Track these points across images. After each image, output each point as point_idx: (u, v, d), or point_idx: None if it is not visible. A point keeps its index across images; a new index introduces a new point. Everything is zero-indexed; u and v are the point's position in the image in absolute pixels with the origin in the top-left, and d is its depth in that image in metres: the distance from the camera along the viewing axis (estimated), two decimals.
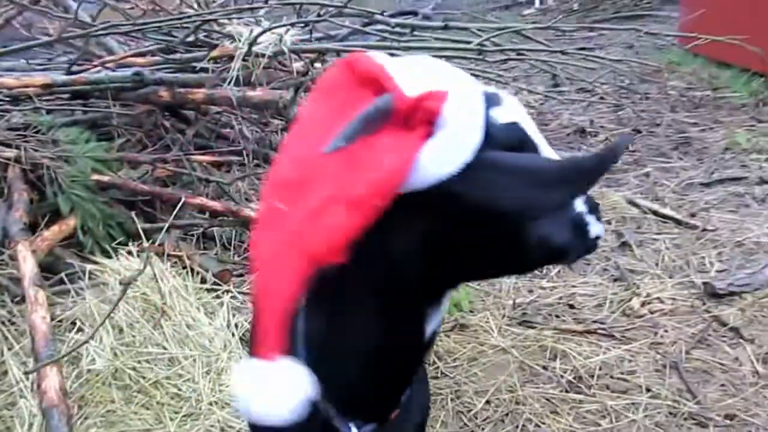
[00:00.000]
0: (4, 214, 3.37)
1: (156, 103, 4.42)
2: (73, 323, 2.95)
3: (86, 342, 2.57)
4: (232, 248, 3.84)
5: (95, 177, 3.68)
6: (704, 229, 3.84)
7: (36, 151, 3.62)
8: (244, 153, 4.18)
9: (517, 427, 2.53)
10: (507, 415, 2.60)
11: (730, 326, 3.03)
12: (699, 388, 2.70)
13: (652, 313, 3.19)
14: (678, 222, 3.95)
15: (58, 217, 3.62)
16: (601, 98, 6.21)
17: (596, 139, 5.38)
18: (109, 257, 3.26)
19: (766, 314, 3.10)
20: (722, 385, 2.72)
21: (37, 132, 3.83)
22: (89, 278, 3.17)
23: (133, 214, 3.73)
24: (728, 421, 2.53)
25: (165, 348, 2.79)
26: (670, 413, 2.58)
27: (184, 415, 2.55)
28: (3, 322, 2.85)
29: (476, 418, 2.59)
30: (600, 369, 2.82)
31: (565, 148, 5.17)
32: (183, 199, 3.42)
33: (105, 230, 3.63)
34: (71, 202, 3.57)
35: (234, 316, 3.07)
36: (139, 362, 2.74)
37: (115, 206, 3.78)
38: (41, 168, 3.57)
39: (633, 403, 2.63)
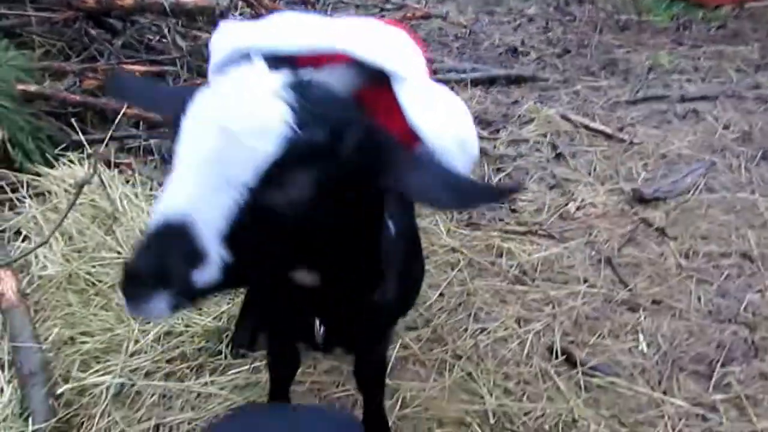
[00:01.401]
0: None
1: (79, 9, 4.15)
2: (18, 232, 2.86)
3: (44, 243, 2.52)
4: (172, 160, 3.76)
5: (21, 87, 3.48)
6: (631, 142, 4.09)
7: None
8: (179, 63, 4.02)
9: (469, 315, 2.71)
10: (459, 305, 2.77)
11: (656, 227, 3.30)
12: (630, 278, 2.96)
13: (586, 216, 3.42)
14: (607, 135, 4.18)
15: None
16: (530, 20, 6.34)
17: (528, 57, 5.52)
18: (51, 166, 3.13)
19: (687, 217, 3.40)
20: (650, 276, 2.99)
21: None
22: (26, 188, 3.06)
23: (64, 126, 3.59)
24: (656, 306, 2.81)
25: (119, 252, 2.77)
26: (606, 300, 2.83)
27: None
28: None
29: (431, 308, 2.74)
30: (542, 264, 3.03)
31: (499, 66, 5.28)
32: (123, 110, 3.28)
33: (35, 143, 3.48)
34: None
35: None
36: (93, 267, 2.70)
37: (44, 119, 3.61)
38: None
39: (572, 293, 2.86)
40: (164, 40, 4.34)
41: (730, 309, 2.81)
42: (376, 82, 1.39)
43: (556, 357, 2.50)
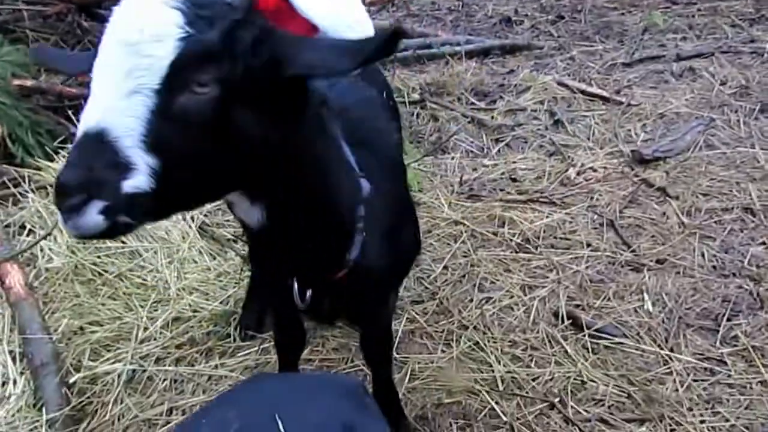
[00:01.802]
0: None
1: (71, 2, 4.14)
2: (23, 227, 2.88)
3: (48, 235, 2.53)
4: None
5: (17, 82, 3.48)
6: (629, 104, 4.06)
7: None
8: None
9: (474, 285, 2.72)
10: (464, 276, 2.78)
11: (656, 187, 3.30)
12: (633, 240, 2.96)
13: (587, 180, 3.42)
14: (604, 99, 4.16)
15: None
16: None
17: (522, 26, 5.47)
18: (51, 160, 3.14)
19: (688, 175, 3.38)
20: (653, 236, 2.99)
21: None
22: (28, 183, 3.07)
23: (62, 120, 3.59)
24: (660, 265, 2.81)
25: (124, 242, 2.78)
26: (610, 263, 2.84)
27: (154, 302, 2.59)
28: None
29: (436, 281, 2.75)
30: (544, 231, 3.03)
31: (493, 37, 5.25)
32: None
33: (35, 138, 3.48)
34: None
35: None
36: (99, 257, 2.72)
37: (42, 113, 3.61)
38: None
39: (576, 257, 2.87)
40: None
41: (734, 263, 2.81)
42: None
43: (562, 321, 2.51)
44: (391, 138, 1.81)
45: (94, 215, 1.01)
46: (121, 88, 1.03)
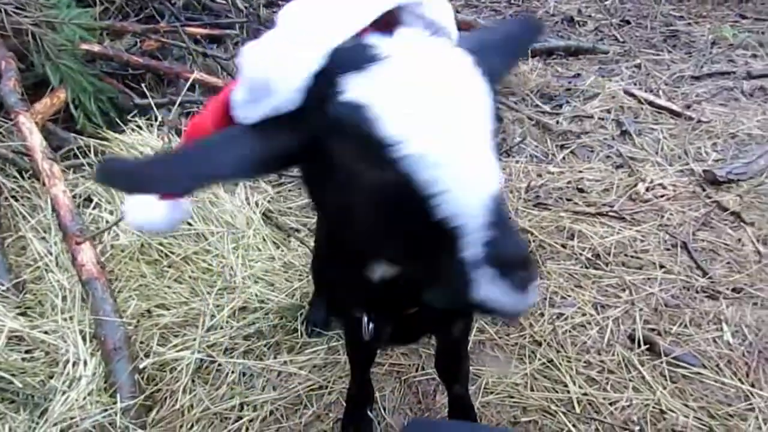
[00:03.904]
0: None
1: None
2: (88, 199, 2.83)
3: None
4: None
5: (84, 46, 3.42)
6: (699, 121, 3.95)
7: (17, 14, 3.31)
8: (237, 27, 3.93)
9: (545, 299, 2.65)
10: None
11: (730, 211, 3.19)
12: (707, 265, 2.87)
13: (657, 197, 3.32)
14: (674, 113, 4.04)
15: (43, 90, 3.38)
16: None
17: (585, 28, 5.34)
18: (116, 131, 3.08)
19: (762, 200, 3.28)
20: (728, 263, 2.89)
21: None
22: (95, 154, 3.02)
23: (124, 88, 3.54)
24: (736, 294, 2.72)
25: (190, 224, 2.73)
26: (684, 287, 2.75)
27: (219, 289, 2.54)
28: (15, 197, 2.70)
29: None
30: (615, 248, 2.94)
31: (555, 37, 5.12)
32: (193, 75, 3.21)
33: (96, 105, 3.43)
34: (60, 73, 3.32)
35: (253, 195, 3.01)
36: (165, 238, 2.68)
37: (106, 80, 3.56)
38: (25, 34, 3.28)
39: (649, 278, 2.78)
40: (223, 1, 4.23)
41: None
42: None
43: (639, 346, 2.44)
44: None
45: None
46: (481, 139, 0.94)
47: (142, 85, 3.59)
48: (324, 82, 0.98)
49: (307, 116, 1.00)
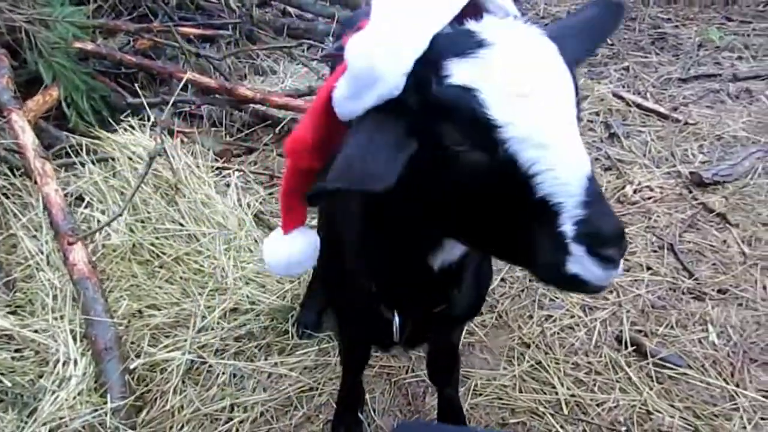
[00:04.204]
0: None
1: None
2: (80, 198, 2.83)
3: (119, 216, 2.48)
4: (223, 127, 3.71)
5: (77, 44, 3.41)
6: (685, 123, 3.99)
7: (11, 11, 3.29)
8: (231, 28, 3.93)
9: (534, 301, 2.68)
10: (523, 291, 2.73)
11: (716, 212, 3.24)
12: (693, 266, 2.91)
13: (644, 199, 3.36)
14: (661, 115, 4.08)
15: (36, 87, 3.37)
16: None
17: None
18: (108, 131, 3.08)
19: (747, 202, 3.32)
20: (714, 264, 2.93)
21: None
22: (87, 153, 3.01)
23: (117, 87, 3.54)
24: (722, 295, 2.76)
25: (182, 225, 2.74)
26: (671, 288, 2.79)
27: (211, 290, 2.55)
28: (6, 195, 2.69)
29: (494, 293, 2.71)
30: None
31: None
32: (186, 75, 3.21)
33: (88, 103, 3.43)
34: (53, 71, 3.31)
35: (245, 196, 3.02)
36: (157, 238, 2.68)
37: (98, 78, 3.55)
38: (19, 32, 3.27)
39: (636, 280, 2.82)
40: (214, 1, 4.23)
41: None
42: None
43: (626, 347, 2.47)
44: None
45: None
46: (574, 122, 1.01)
47: (135, 84, 3.59)
48: (429, 68, 1.01)
49: (410, 101, 1.03)
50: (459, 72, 0.98)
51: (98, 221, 2.68)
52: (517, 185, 0.96)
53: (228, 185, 3.05)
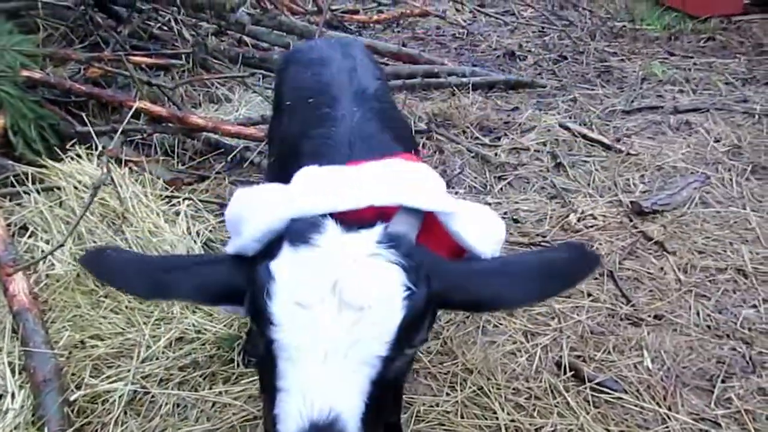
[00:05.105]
0: None
1: None
2: (24, 228, 2.80)
3: (61, 246, 2.46)
4: (175, 155, 3.73)
5: (25, 73, 3.40)
6: (628, 153, 4.15)
7: None
8: (184, 57, 3.96)
9: (478, 328, 2.74)
10: (468, 317, 2.80)
11: (654, 240, 3.37)
12: (631, 293, 3.01)
13: (587, 228, 3.47)
14: (605, 146, 4.24)
15: None
16: (527, 23, 6.38)
17: (525, 62, 5.56)
18: (57, 160, 3.07)
19: (684, 231, 3.47)
20: (651, 291, 3.05)
21: None
22: (33, 182, 2.99)
23: (66, 116, 3.53)
24: (658, 321, 2.86)
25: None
26: (609, 315, 2.88)
27: (156, 319, 2.55)
28: None
29: (439, 320, 2.76)
30: None
31: (497, 71, 5.31)
32: (136, 104, 3.23)
33: (36, 132, 3.41)
34: None
35: (194, 224, 3.03)
36: None
37: (47, 106, 3.54)
38: None
39: (577, 307, 2.91)
40: (167, 30, 4.26)
41: (728, 324, 2.88)
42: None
43: (565, 372, 2.54)
44: None
45: None
46: (345, 362, 0.96)
47: (84, 113, 3.58)
48: (275, 242, 1.08)
49: (249, 265, 1.11)
50: (282, 256, 1.05)
51: (42, 251, 2.67)
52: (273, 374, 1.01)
53: (177, 213, 3.06)
